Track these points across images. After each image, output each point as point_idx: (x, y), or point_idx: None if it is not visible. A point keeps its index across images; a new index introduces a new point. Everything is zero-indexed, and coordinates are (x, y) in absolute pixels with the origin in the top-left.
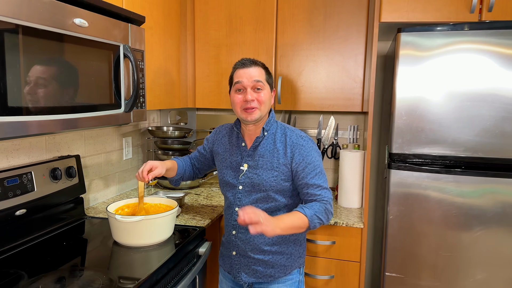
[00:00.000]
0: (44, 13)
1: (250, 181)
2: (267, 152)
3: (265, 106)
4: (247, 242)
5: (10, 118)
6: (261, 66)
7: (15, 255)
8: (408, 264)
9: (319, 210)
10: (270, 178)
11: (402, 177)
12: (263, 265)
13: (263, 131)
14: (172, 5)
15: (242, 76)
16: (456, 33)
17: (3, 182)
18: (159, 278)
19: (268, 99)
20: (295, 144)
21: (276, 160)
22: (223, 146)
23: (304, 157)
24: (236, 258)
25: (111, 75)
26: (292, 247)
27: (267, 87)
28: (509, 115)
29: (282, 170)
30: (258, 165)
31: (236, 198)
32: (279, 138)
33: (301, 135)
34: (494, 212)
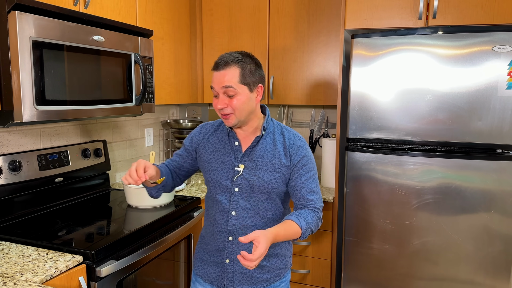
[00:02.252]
0: (74, 34)
1: (248, 183)
2: (267, 153)
3: (241, 111)
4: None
5: (47, 108)
6: (237, 65)
7: (55, 211)
8: (362, 230)
9: (313, 222)
10: (272, 180)
11: (355, 158)
12: (259, 270)
13: (263, 129)
14: (182, 18)
15: (214, 81)
16: (399, 37)
17: (47, 157)
18: (155, 228)
19: (243, 103)
20: (293, 144)
21: (277, 161)
22: (211, 145)
23: (301, 158)
24: (230, 266)
25: (125, 76)
26: (286, 248)
27: (242, 90)
28: (441, 105)
29: (283, 171)
30: (257, 166)
31: (232, 202)
32: (278, 138)
33: (298, 135)
34: (430, 187)
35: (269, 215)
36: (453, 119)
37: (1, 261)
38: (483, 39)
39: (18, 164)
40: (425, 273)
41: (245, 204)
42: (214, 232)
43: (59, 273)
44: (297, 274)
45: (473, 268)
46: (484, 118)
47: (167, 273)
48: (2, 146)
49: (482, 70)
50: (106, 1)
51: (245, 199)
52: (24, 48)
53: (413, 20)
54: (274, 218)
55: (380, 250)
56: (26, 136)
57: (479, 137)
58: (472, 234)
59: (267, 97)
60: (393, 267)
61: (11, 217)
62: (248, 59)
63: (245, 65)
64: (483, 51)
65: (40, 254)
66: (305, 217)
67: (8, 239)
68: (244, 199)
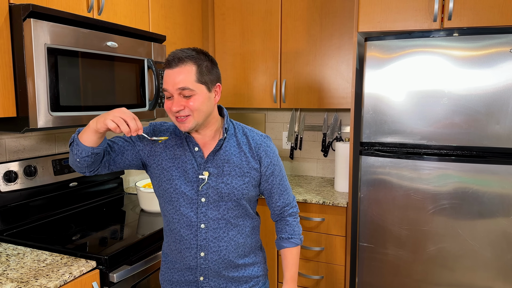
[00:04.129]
0: (87, 40)
1: (216, 191)
2: (233, 157)
3: (199, 112)
4: (220, 261)
5: (62, 113)
6: (192, 61)
7: (69, 216)
8: (376, 235)
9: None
10: (241, 185)
11: (370, 162)
12: (237, 282)
13: (225, 131)
14: (195, 23)
15: (167, 82)
16: (413, 40)
17: (61, 162)
18: None
19: (202, 103)
20: (260, 145)
21: (246, 165)
22: (169, 151)
23: (271, 158)
24: (205, 283)
25: (138, 81)
26: (259, 254)
27: (200, 90)
28: (457, 108)
29: (253, 175)
30: (224, 172)
31: (199, 214)
32: (241, 140)
33: (262, 134)
34: (446, 192)
35: (240, 222)
36: (470, 123)
37: (17, 266)
38: (500, 40)
39: (33, 169)
40: (441, 279)
41: (215, 214)
42: (181, 249)
43: (73, 278)
44: (310, 279)
45: (491, 275)
46: (502, 122)
47: None
48: (18, 152)
49: (499, 72)
50: (119, 7)
51: (214, 209)
52: (39, 55)
53: (428, 22)
54: (245, 224)
55: (395, 256)
56: (41, 141)
57: (497, 141)
58: (490, 240)
59: (280, 100)
60: (409, 273)
61: (26, 222)
62: (203, 56)
63: (201, 62)
64: (500, 53)
65: (54, 259)
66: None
67: (23, 244)
68: (213, 209)
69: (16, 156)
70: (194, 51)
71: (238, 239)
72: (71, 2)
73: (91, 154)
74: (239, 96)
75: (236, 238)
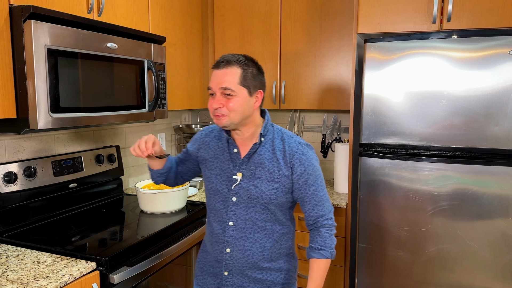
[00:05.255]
0: (88, 41)
1: (246, 192)
2: (265, 161)
3: (236, 113)
4: (244, 260)
5: (62, 115)
6: (239, 65)
7: (69, 217)
8: (376, 236)
9: (331, 241)
10: (270, 190)
11: (369, 163)
12: (260, 284)
13: (260, 136)
14: (195, 24)
15: (213, 80)
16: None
17: (61, 163)
18: (168, 234)
19: (240, 105)
20: (295, 152)
21: (277, 171)
22: (211, 151)
23: (306, 167)
24: (229, 279)
25: (138, 83)
26: (289, 262)
27: (241, 93)
28: (456, 110)
29: (283, 181)
30: (255, 175)
31: (229, 212)
32: (277, 145)
33: (301, 141)
34: (446, 194)
35: (268, 226)
36: (469, 124)
37: (16, 267)
38: (499, 42)
39: (33, 170)
40: (440, 280)
41: (243, 214)
42: (212, 242)
43: (73, 280)
44: None
45: (490, 276)
46: (501, 123)
47: (179, 278)
48: (18, 153)
49: (498, 74)
50: (119, 8)
51: (243, 209)
52: (39, 56)
53: (427, 24)
54: (273, 229)
55: (394, 257)
56: (41, 142)
57: (496, 143)
58: (489, 241)
59: (279, 102)
60: (408, 274)
61: (26, 223)
62: (251, 63)
63: (247, 67)
64: (499, 55)
65: (54, 261)
66: (324, 245)
67: (23, 245)
68: (242, 209)
69: (16, 157)
70: (243, 57)
71: (265, 243)
72: (71, 3)
73: (160, 174)
74: None
75: (262, 241)
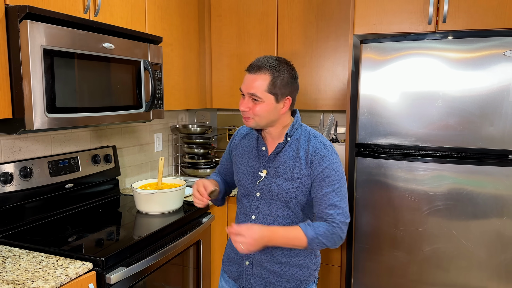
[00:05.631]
0: (84, 41)
1: (269, 189)
2: (289, 160)
3: (261, 118)
4: (264, 253)
5: (58, 115)
6: (269, 72)
7: (65, 217)
8: (372, 236)
9: (324, 234)
10: (290, 189)
11: (365, 163)
12: (278, 277)
13: (286, 136)
14: (191, 24)
15: (244, 83)
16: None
17: (57, 163)
18: (165, 234)
19: (266, 111)
20: (317, 153)
21: (297, 170)
22: (242, 148)
23: (324, 168)
24: (249, 269)
25: (135, 83)
26: (310, 260)
27: (267, 99)
28: (452, 111)
29: (303, 181)
30: (278, 173)
31: (252, 206)
32: (302, 146)
33: (326, 144)
34: (441, 194)
35: (288, 222)
36: (464, 125)
37: (12, 268)
38: (494, 43)
39: (29, 171)
40: (436, 280)
41: (265, 209)
42: None
43: (69, 280)
44: None
45: (485, 275)
46: (496, 124)
47: (176, 279)
48: (14, 153)
49: (493, 74)
50: (115, 8)
51: (265, 204)
52: (35, 56)
53: (423, 25)
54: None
55: (390, 256)
56: (37, 142)
57: (490, 143)
58: (484, 241)
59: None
60: (404, 274)
61: (22, 224)
62: (284, 68)
63: (278, 74)
64: (494, 55)
65: (50, 261)
66: (315, 227)
67: (19, 246)
68: (265, 204)
69: (11, 157)
70: (277, 61)
71: None
72: (67, 3)
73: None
74: (236, 98)
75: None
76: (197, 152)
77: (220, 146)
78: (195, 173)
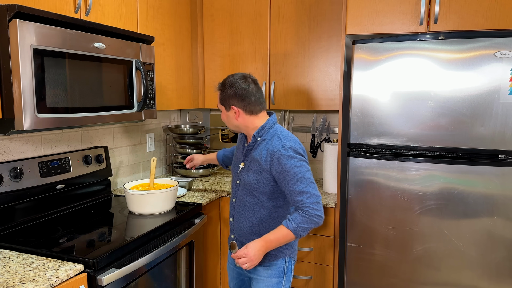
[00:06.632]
0: (75, 41)
1: (243, 179)
2: (257, 157)
3: (227, 124)
4: (239, 229)
5: (48, 115)
6: (220, 89)
7: (56, 218)
8: (364, 236)
9: (302, 221)
10: (254, 180)
11: (357, 163)
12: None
13: (253, 137)
14: (184, 24)
15: None
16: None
17: (48, 164)
18: (157, 235)
19: (225, 118)
20: (275, 153)
21: (260, 166)
22: (238, 142)
23: (283, 166)
24: (234, 240)
25: (126, 83)
26: None
27: (222, 108)
28: (443, 111)
29: (264, 175)
30: (249, 167)
31: (234, 191)
32: (267, 146)
33: (285, 145)
34: (432, 193)
35: (256, 208)
36: (455, 125)
37: (2, 270)
38: (484, 43)
39: (19, 172)
40: (428, 279)
41: (240, 194)
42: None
43: (60, 282)
44: (299, 280)
45: (476, 274)
46: (486, 124)
47: (168, 280)
48: (3, 154)
49: (484, 75)
50: (107, 8)
51: (241, 191)
52: (25, 56)
53: (414, 26)
54: (260, 211)
55: (382, 256)
56: (27, 143)
57: (481, 143)
58: (475, 240)
59: (269, 102)
60: (396, 273)
61: (12, 225)
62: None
63: (223, 89)
64: (484, 56)
65: (41, 263)
66: (292, 219)
67: (9, 247)
68: (241, 191)
69: (1, 158)
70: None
71: (253, 221)
72: (58, 2)
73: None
74: None
75: (251, 219)
76: (189, 152)
77: (213, 146)
78: (188, 173)
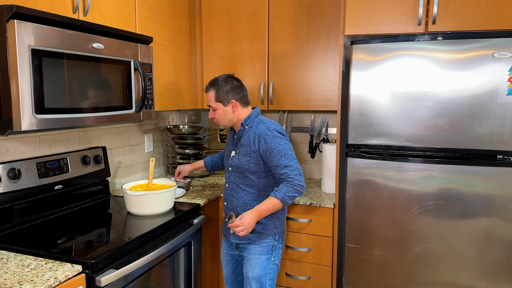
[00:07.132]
0: (73, 42)
1: (234, 164)
2: (246, 142)
3: (222, 120)
4: (233, 209)
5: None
6: (213, 88)
7: (54, 219)
8: (363, 236)
9: (287, 190)
10: (244, 162)
11: (356, 163)
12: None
13: (241, 126)
14: (182, 24)
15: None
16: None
17: (46, 164)
18: (155, 235)
19: (222, 114)
20: (261, 134)
21: (249, 148)
22: (228, 138)
23: (269, 144)
24: (227, 222)
25: (125, 83)
26: (267, 219)
27: (219, 105)
28: (441, 111)
29: (253, 156)
30: (240, 152)
31: (227, 177)
32: (253, 130)
33: (269, 127)
34: (431, 193)
35: (248, 188)
36: (453, 125)
37: (0, 271)
38: (483, 44)
39: (17, 172)
40: (426, 279)
41: (232, 179)
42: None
43: (58, 283)
44: (298, 280)
45: (474, 274)
46: (484, 124)
47: (167, 280)
48: (1, 154)
49: (482, 75)
50: (105, 8)
51: (233, 176)
52: (23, 56)
53: (413, 26)
54: (251, 191)
55: (381, 256)
56: (26, 143)
57: (479, 143)
58: (473, 240)
59: (267, 102)
60: (394, 274)
61: (10, 226)
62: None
63: (217, 88)
64: (483, 56)
65: (39, 264)
66: (279, 190)
67: (7, 248)
68: (233, 176)
69: None
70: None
71: (245, 200)
72: (56, 3)
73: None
74: None
75: (243, 199)
76: (188, 153)
77: (212, 146)
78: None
